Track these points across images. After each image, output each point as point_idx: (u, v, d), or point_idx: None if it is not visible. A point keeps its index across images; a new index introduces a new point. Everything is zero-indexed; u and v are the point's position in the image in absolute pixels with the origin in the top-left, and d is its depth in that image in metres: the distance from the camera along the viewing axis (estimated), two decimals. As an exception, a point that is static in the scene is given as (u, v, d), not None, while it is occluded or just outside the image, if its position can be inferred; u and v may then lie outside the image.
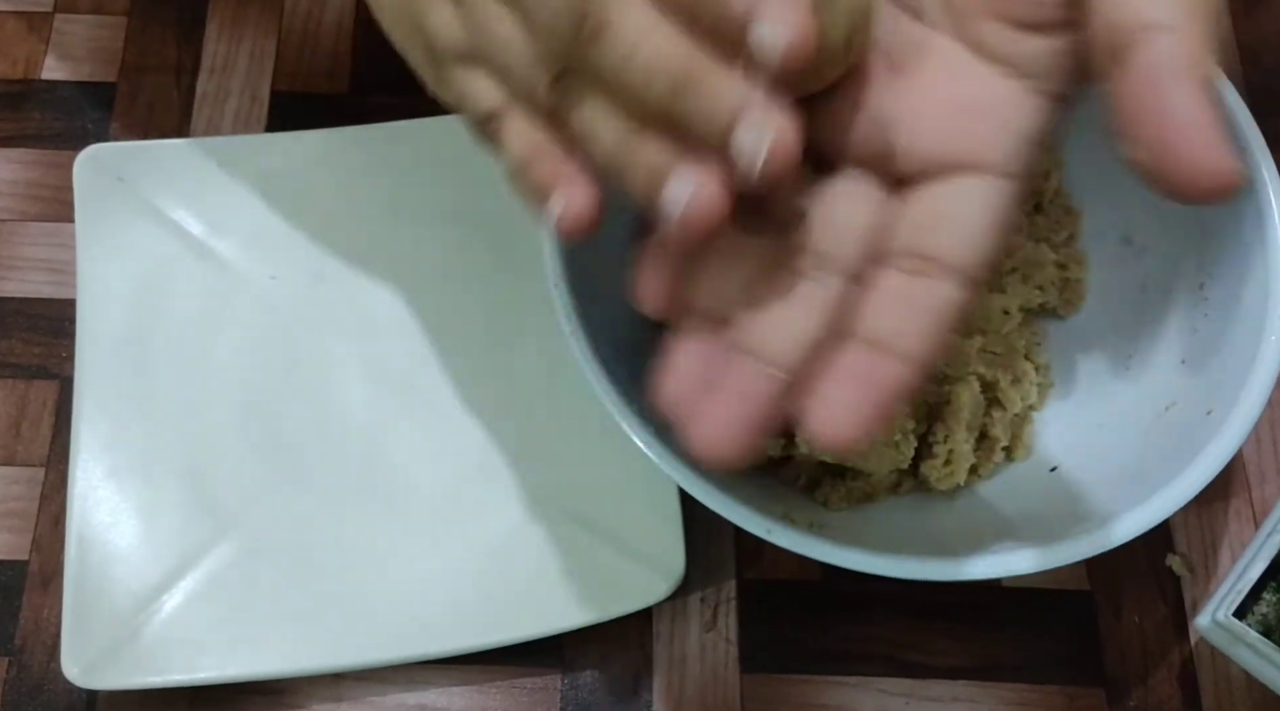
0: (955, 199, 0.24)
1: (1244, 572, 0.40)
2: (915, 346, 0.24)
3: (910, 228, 0.25)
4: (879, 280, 0.25)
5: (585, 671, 0.42)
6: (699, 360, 0.26)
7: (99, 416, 0.42)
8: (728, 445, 0.24)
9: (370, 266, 0.46)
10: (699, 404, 0.25)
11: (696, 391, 0.25)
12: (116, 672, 0.39)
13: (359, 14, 0.52)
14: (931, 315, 0.24)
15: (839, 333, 0.24)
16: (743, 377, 0.25)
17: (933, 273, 0.24)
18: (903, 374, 0.24)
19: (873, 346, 0.24)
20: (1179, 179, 0.21)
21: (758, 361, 0.24)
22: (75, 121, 0.49)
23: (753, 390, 0.24)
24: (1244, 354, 0.36)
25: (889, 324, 0.24)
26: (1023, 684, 0.42)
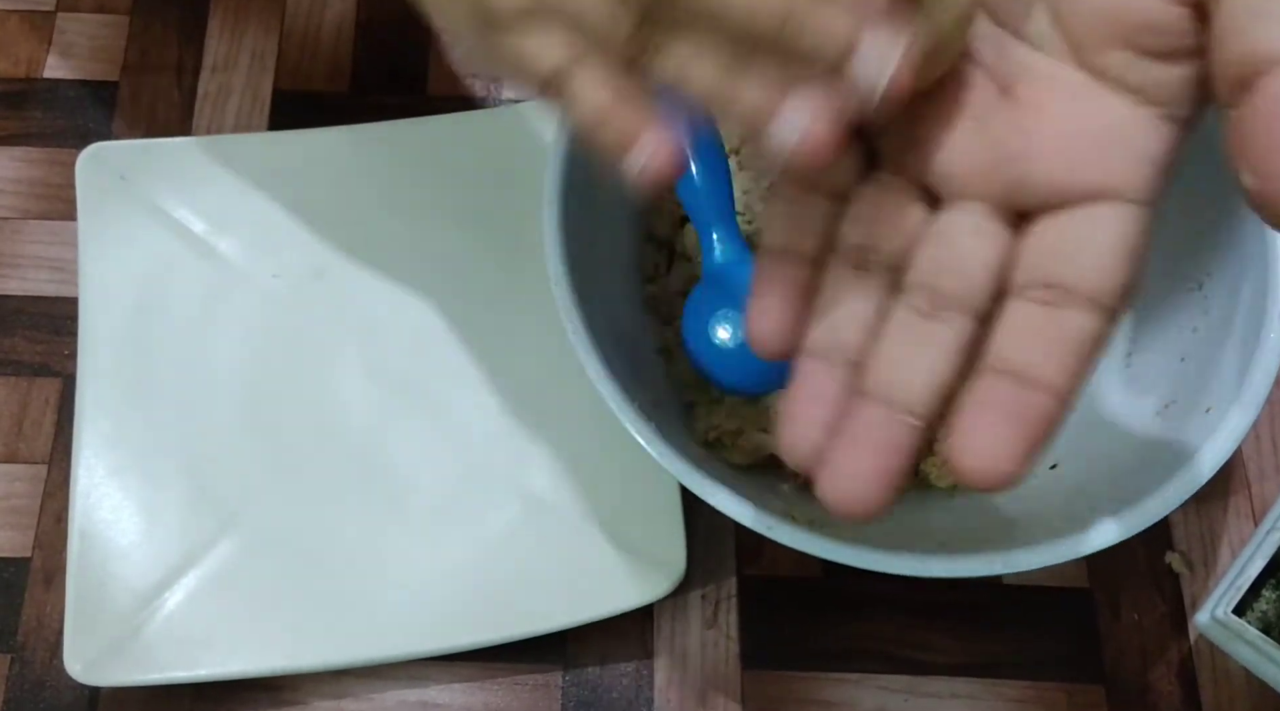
0: (1088, 228, 0.23)
1: (1243, 569, 0.40)
2: (1057, 378, 0.22)
3: (1039, 259, 0.24)
4: (1009, 313, 0.24)
5: (586, 668, 0.42)
6: (823, 405, 0.25)
7: (101, 414, 0.42)
8: (866, 498, 0.23)
9: (371, 264, 0.46)
10: (830, 452, 0.24)
11: (824, 438, 0.24)
12: (118, 669, 0.39)
13: (360, 13, 0.52)
14: (1070, 345, 0.23)
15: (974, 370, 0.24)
16: (875, 425, 0.24)
17: (1067, 303, 0.23)
18: (1048, 405, 0.22)
19: (1013, 378, 0.23)
20: None
21: (890, 407, 0.24)
22: (77, 120, 0.49)
23: (887, 439, 0.23)
24: (1243, 352, 0.36)
25: (1027, 355, 0.23)
26: (1022, 681, 0.42)
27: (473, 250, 0.46)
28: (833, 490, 0.24)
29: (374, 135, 0.47)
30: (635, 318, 0.44)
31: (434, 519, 0.42)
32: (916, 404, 0.23)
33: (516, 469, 0.43)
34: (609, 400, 0.35)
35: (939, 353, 0.24)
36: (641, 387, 0.38)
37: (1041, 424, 0.22)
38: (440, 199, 0.47)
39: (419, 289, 0.46)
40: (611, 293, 0.42)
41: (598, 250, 0.41)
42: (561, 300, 0.36)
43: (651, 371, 0.42)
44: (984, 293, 0.24)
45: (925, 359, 0.24)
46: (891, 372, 0.24)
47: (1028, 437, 0.22)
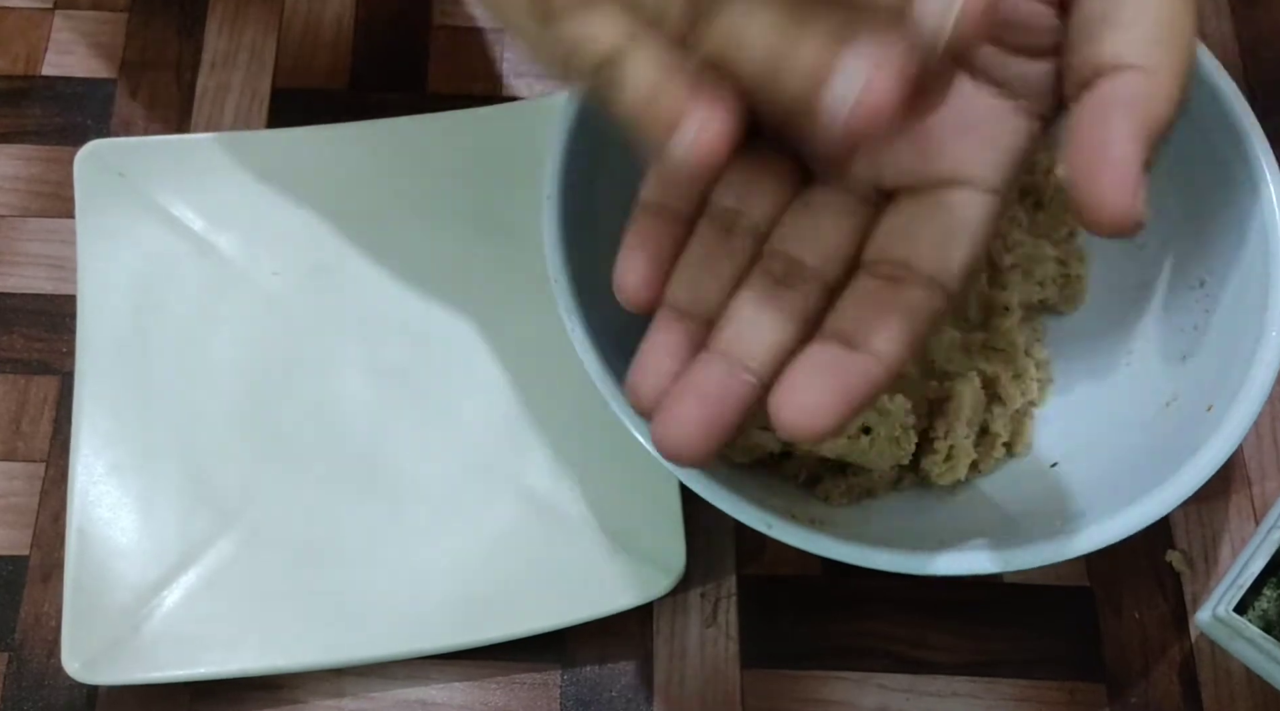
0: (937, 211, 0.25)
1: (1244, 568, 0.40)
2: (884, 345, 0.24)
3: (888, 237, 0.25)
4: (853, 285, 0.25)
5: (585, 666, 0.42)
6: (671, 356, 0.26)
7: (99, 412, 0.42)
8: (691, 445, 0.24)
9: (371, 262, 0.46)
10: (667, 400, 0.25)
11: (666, 387, 0.25)
12: (117, 668, 0.39)
13: (359, 10, 0.52)
14: (902, 316, 0.24)
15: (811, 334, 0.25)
16: (712, 378, 0.25)
17: (906, 280, 0.24)
18: (872, 369, 0.24)
19: (842, 341, 0.24)
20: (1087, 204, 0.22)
21: (728, 361, 0.25)
22: (76, 117, 0.49)
23: (721, 391, 0.25)
24: (1244, 350, 0.36)
25: (859, 325, 0.24)
26: (1023, 679, 0.42)
27: (472, 248, 0.46)
28: (662, 434, 0.25)
29: (373, 133, 0.46)
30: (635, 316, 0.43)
31: (433, 516, 0.42)
32: (753, 361, 0.25)
33: (515, 467, 0.43)
34: (608, 398, 0.35)
35: (785, 318, 0.25)
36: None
37: (860, 386, 0.24)
38: (440, 197, 0.47)
39: (418, 287, 0.46)
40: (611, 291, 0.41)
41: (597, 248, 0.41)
42: (561, 298, 0.36)
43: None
44: (837, 266, 0.25)
45: (771, 322, 0.25)
46: (738, 332, 0.25)
47: (844, 396, 0.23)
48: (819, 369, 0.24)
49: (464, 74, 0.51)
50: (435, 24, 0.52)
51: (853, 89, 0.20)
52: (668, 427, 0.25)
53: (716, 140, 0.23)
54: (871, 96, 0.20)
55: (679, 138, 0.23)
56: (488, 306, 0.45)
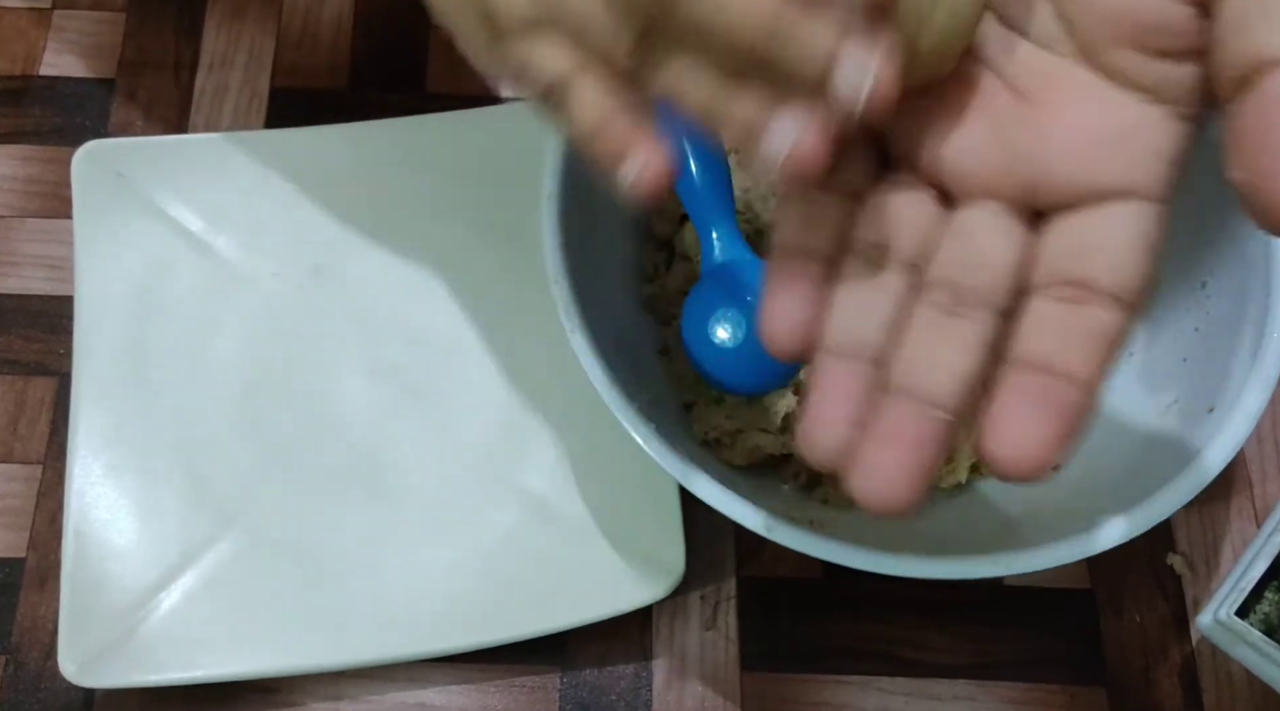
0: (1105, 225, 0.24)
1: (1246, 571, 0.40)
2: (1082, 370, 0.23)
3: (1058, 257, 0.24)
4: (1032, 311, 0.24)
5: (585, 670, 0.41)
6: (848, 402, 0.24)
7: (97, 413, 0.42)
8: (901, 494, 0.23)
9: (370, 263, 0.46)
10: (860, 450, 0.24)
11: (852, 436, 0.24)
12: (114, 670, 0.38)
13: (358, 10, 0.52)
14: (1094, 339, 0.23)
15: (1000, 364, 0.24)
16: (904, 420, 0.24)
17: (1089, 300, 0.23)
18: (1077, 396, 0.23)
19: (1041, 370, 0.23)
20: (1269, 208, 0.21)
21: (918, 402, 0.24)
22: (74, 117, 0.49)
23: (918, 433, 0.23)
24: (1246, 352, 0.36)
25: (1053, 349, 0.23)
26: (1024, 682, 0.42)
27: (472, 249, 0.46)
28: (868, 487, 0.23)
29: (372, 133, 0.46)
30: (634, 317, 0.43)
31: (432, 519, 0.42)
32: (944, 398, 0.23)
33: (515, 469, 0.43)
34: (608, 400, 0.35)
35: (964, 347, 0.24)
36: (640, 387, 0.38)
37: (1071, 414, 0.23)
38: (439, 197, 0.46)
39: (418, 287, 0.46)
40: (610, 292, 0.41)
41: (597, 249, 0.40)
42: (560, 299, 0.36)
43: (650, 371, 0.42)
44: (1005, 289, 0.24)
45: (951, 353, 0.24)
46: (917, 368, 0.24)
47: (1059, 426, 0.22)
48: (1029, 398, 0.23)
49: (463, 74, 0.51)
50: (434, 24, 0.52)
51: (782, 148, 0.22)
52: (872, 480, 0.23)
53: (659, 178, 0.24)
54: (798, 156, 0.22)
55: (624, 171, 0.24)
56: (487, 307, 0.45)
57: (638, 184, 0.24)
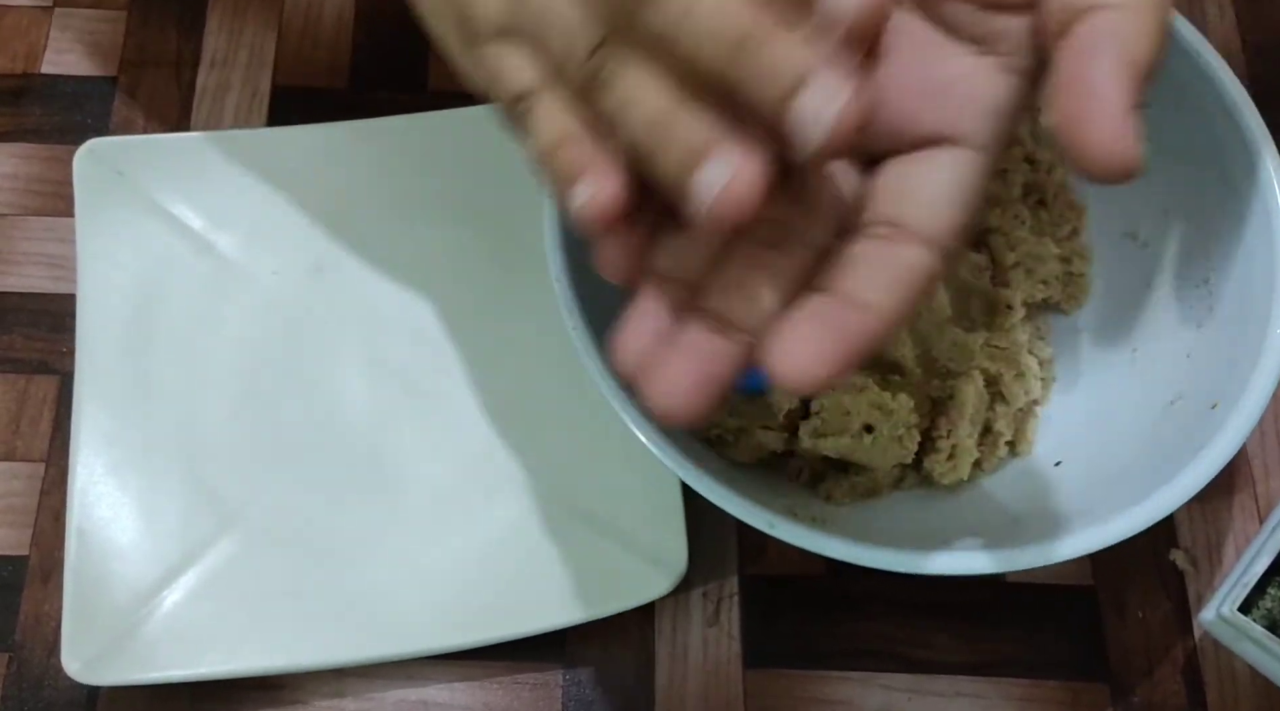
0: (926, 170, 0.25)
1: (1249, 567, 0.40)
2: (881, 300, 0.24)
3: (879, 198, 0.25)
4: (847, 247, 0.25)
5: (587, 667, 0.41)
6: (659, 320, 0.26)
7: (99, 411, 0.42)
8: (687, 402, 0.24)
9: (371, 261, 0.46)
10: (658, 362, 0.25)
11: (656, 350, 0.25)
12: (117, 668, 0.38)
13: (359, 8, 0.52)
14: (898, 273, 0.24)
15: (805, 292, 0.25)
16: (703, 336, 0.25)
17: (899, 238, 0.24)
18: (868, 322, 0.23)
19: (838, 296, 0.24)
20: (1084, 152, 0.21)
21: (719, 321, 0.25)
22: (75, 116, 0.49)
23: (715, 349, 0.24)
24: (1249, 348, 0.36)
25: (855, 280, 0.24)
26: (1026, 679, 0.42)
27: (473, 247, 0.46)
28: (655, 393, 0.24)
29: (373, 131, 0.46)
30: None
31: (434, 516, 0.42)
32: (746, 320, 0.24)
33: (517, 467, 0.43)
34: (610, 397, 0.35)
35: (775, 278, 0.25)
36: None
37: (856, 337, 0.23)
38: (440, 195, 0.46)
39: (419, 286, 0.46)
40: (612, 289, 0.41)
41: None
42: (562, 297, 0.36)
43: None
44: (827, 230, 0.25)
45: (761, 282, 0.25)
46: (726, 292, 0.25)
47: (840, 346, 0.23)
48: (814, 319, 0.24)
49: (463, 73, 0.51)
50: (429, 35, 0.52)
51: (720, 178, 0.22)
52: (659, 386, 0.24)
53: (607, 206, 0.24)
54: (735, 189, 0.22)
55: (574, 194, 0.24)
56: (488, 305, 0.45)
57: (587, 208, 0.24)
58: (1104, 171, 0.21)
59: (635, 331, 0.26)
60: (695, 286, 0.25)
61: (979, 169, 0.25)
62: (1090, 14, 0.22)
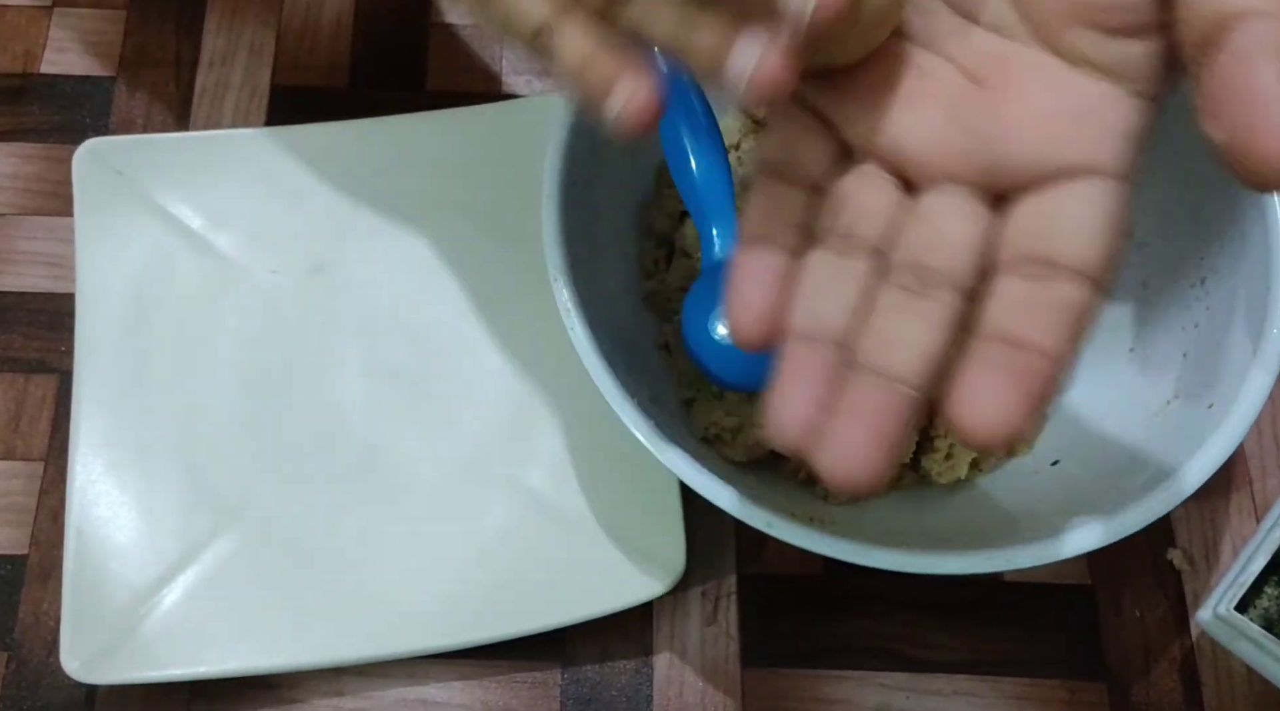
0: (1067, 203, 0.24)
1: (1245, 566, 0.40)
2: (1050, 343, 0.23)
3: (1022, 236, 0.24)
4: (997, 289, 0.24)
5: (585, 665, 0.42)
6: (815, 384, 0.24)
7: (98, 411, 0.42)
8: (868, 466, 0.23)
9: (369, 260, 0.46)
10: (826, 426, 0.24)
11: (816, 415, 0.24)
12: (116, 667, 0.39)
13: (358, 8, 0.52)
14: (1062, 314, 0.23)
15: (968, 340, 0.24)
16: (869, 395, 0.24)
17: (1054, 276, 0.23)
18: (1045, 367, 0.23)
19: (1009, 343, 0.23)
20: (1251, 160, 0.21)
21: (883, 377, 0.24)
22: (74, 115, 0.49)
23: (883, 407, 0.23)
24: (1245, 348, 0.36)
25: (1019, 323, 0.23)
26: (1024, 678, 0.42)
27: (472, 246, 0.46)
28: (834, 462, 0.23)
29: (372, 131, 0.46)
30: (635, 314, 0.43)
31: (432, 515, 0.42)
32: (909, 374, 0.24)
33: (515, 465, 0.43)
34: (608, 396, 0.35)
35: (929, 325, 0.24)
36: (641, 384, 0.38)
37: (1039, 384, 0.23)
38: (439, 194, 0.47)
39: (417, 285, 0.46)
40: (611, 289, 0.41)
41: (597, 246, 0.41)
42: (561, 296, 0.36)
43: (651, 367, 0.42)
44: (970, 269, 0.24)
45: (916, 331, 0.24)
46: (882, 346, 0.24)
47: (1025, 395, 0.22)
48: (994, 368, 0.23)
49: (463, 72, 0.51)
50: (434, 22, 0.52)
51: (749, 63, 0.23)
52: (838, 455, 0.23)
53: (646, 108, 0.24)
54: (764, 69, 0.23)
55: (610, 106, 0.24)
56: (487, 305, 0.45)
57: (624, 115, 0.24)
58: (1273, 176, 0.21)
59: (794, 398, 0.24)
60: (843, 344, 0.25)
61: (1122, 197, 0.24)
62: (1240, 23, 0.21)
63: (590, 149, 0.39)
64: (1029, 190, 0.24)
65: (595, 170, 0.40)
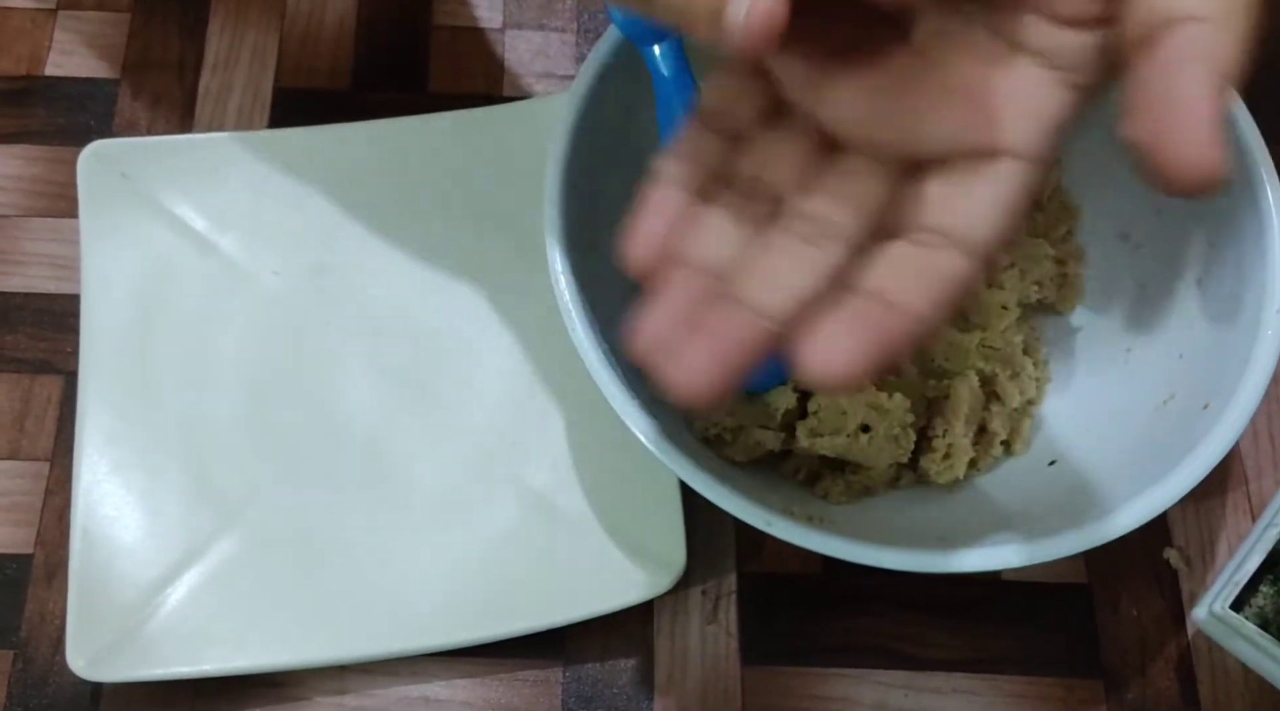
0: (977, 180, 0.24)
1: (1241, 565, 0.40)
2: (917, 303, 0.23)
3: (922, 204, 0.25)
4: (883, 250, 0.24)
5: (587, 664, 0.42)
6: (678, 306, 0.25)
7: (103, 411, 0.42)
8: (707, 383, 0.24)
9: (373, 261, 0.46)
10: (679, 344, 0.25)
11: (677, 334, 0.25)
12: (121, 665, 0.39)
13: (360, 10, 0.52)
14: (936, 278, 0.24)
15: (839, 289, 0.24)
16: (728, 321, 0.24)
17: (942, 245, 0.24)
18: (903, 324, 0.23)
19: (874, 297, 0.24)
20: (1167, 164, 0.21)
21: (746, 307, 0.24)
22: (79, 117, 0.49)
23: (737, 333, 0.24)
24: (1241, 348, 0.36)
25: (892, 282, 0.24)
26: (1021, 676, 0.42)
27: (474, 248, 0.46)
28: (674, 373, 0.24)
29: (374, 133, 0.47)
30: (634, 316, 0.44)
31: (435, 515, 0.42)
32: (774, 310, 0.24)
33: (517, 465, 0.43)
34: (609, 397, 0.35)
35: (807, 270, 0.25)
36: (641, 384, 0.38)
37: (887, 338, 0.23)
38: (441, 196, 0.47)
39: (420, 286, 0.46)
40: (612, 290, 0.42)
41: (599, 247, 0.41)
42: (562, 297, 0.36)
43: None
44: (863, 229, 0.25)
45: (792, 273, 0.25)
46: (757, 281, 0.25)
47: (873, 347, 0.23)
48: (846, 317, 0.23)
49: (465, 74, 0.51)
50: (436, 24, 0.52)
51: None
52: (679, 367, 0.24)
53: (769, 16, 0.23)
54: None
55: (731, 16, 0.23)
56: (489, 305, 0.46)
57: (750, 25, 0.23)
58: (1188, 183, 0.21)
59: (657, 315, 0.25)
60: (722, 278, 0.25)
61: (1029, 183, 0.24)
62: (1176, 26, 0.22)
63: (592, 150, 0.39)
64: (944, 164, 0.25)
65: (597, 171, 0.40)
